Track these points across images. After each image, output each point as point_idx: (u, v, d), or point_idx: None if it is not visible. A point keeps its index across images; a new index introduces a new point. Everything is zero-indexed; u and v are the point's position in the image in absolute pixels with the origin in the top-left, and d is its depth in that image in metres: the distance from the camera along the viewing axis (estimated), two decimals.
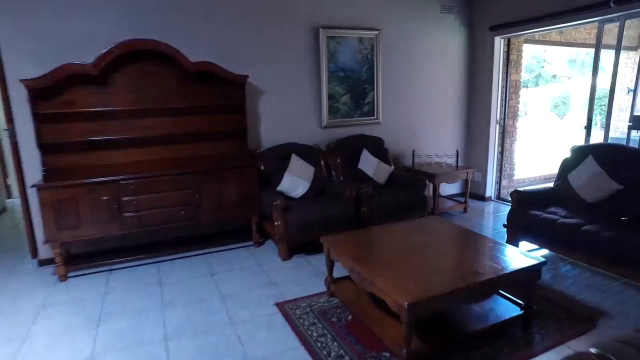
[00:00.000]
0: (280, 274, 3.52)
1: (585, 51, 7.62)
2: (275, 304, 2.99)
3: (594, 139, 4.46)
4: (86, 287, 3.38)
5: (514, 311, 2.56)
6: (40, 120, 3.49)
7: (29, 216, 3.72)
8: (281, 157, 4.29)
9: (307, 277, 3.44)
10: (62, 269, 3.47)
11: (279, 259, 3.81)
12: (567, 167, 3.88)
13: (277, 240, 3.78)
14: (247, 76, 4.06)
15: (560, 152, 8.35)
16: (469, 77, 5.55)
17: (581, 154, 3.79)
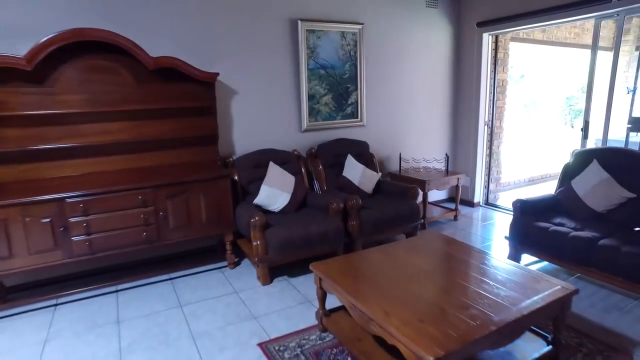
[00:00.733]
0: (261, 303, 3.03)
1: (563, 50, 7.57)
2: (258, 345, 2.51)
3: (590, 141, 4.24)
4: (23, 330, 2.76)
5: (542, 347, 2.21)
6: None
7: None
8: (257, 166, 3.81)
9: (293, 306, 2.98)
10: None
11: (259, 284, 3.33)
12: (569, 173, 3.61)
13: (255, 262, 3.29)
14: (217, 74, 3.54)
15: (538, 154, 8.43)
16: (455, 76, 5.23)
17: (584, 159, 3.52)
